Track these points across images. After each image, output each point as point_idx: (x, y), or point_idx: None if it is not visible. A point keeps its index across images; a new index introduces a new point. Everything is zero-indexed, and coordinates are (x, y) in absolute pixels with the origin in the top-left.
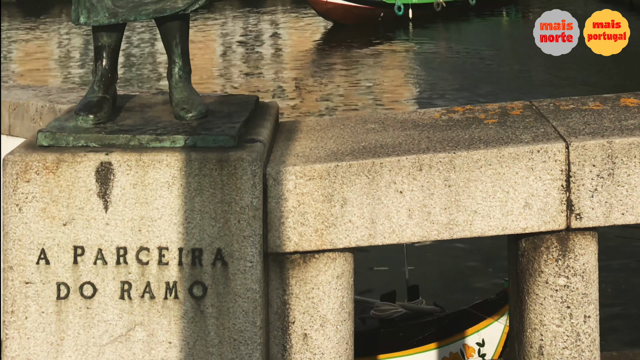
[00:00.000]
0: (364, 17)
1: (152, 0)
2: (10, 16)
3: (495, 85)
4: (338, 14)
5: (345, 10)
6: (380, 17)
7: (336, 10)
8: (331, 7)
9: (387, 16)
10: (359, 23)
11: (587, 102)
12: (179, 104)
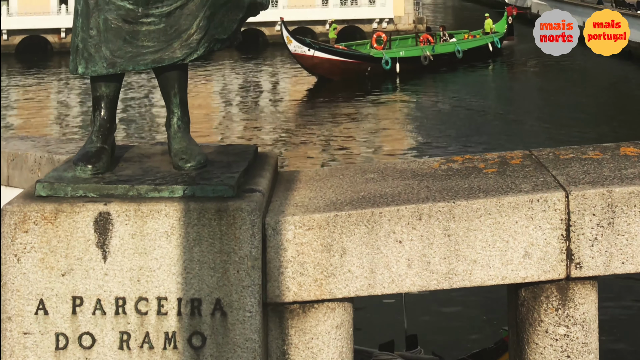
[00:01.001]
0: (351, 72)
1: (151, 50)
2: (9, 67)
3: (489, 135)
4: (324, 69)
5: (332, 65)
6: (367, 72)
7: (322, 64)
8: (317, 62)
9: (374, 70)
10: (346, 77)
11: (587, 151)
12: (178, 154)
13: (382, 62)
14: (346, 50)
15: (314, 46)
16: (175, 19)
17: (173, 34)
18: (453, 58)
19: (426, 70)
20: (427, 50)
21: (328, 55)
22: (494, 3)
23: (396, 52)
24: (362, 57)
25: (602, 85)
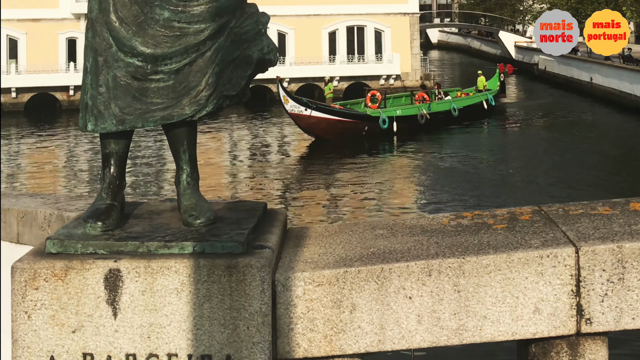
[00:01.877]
0: (348, 131)
1: (160, 107)
2: (19, 124)
3: (496, 191)
4: (321, 129)
5: (329, 125)
6: (365, 131)
7: (319, 124)
8: (314, 122)
9: (371, 129)
10: (343, 137)
11: (597, 207)
12: (187, 210)
13: (379, 121)
14: (343, 110)
15: (311, 106)
16: (184, 76)
17: (182, 90)
18: (449, 116)
19: (422, 129)
20: (423, 108)
21: (325, 114)
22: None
23: (393, 111)
24: (359, 116)
25: (609, 140)
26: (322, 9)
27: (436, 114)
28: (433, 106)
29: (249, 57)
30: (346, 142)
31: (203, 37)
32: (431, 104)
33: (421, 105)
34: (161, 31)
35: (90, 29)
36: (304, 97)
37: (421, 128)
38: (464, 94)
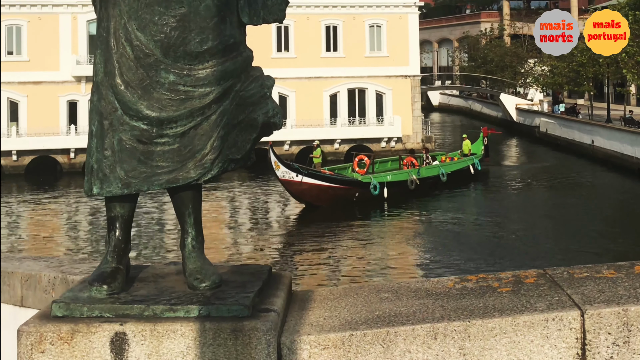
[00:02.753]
0: (339, 198)
1: (165, 171)
2: (19, 187)
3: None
4: (312, 195)
5: (320, 191)
6: (355, 197)
7: (311, 190)
8: (306, 188)
9: (362, 195)
10: (334, 204)
11: (602, 270)
12: (193, 274)
13: (370, 187)
14: (334, 176)
15: (302, 172)
16: (189, 139)
17: (187, 154)
18: (438, 181)
19: (412, 195)
20: (413, 174)
21: (316, 180)
22: (500, 121)
23: (384, 176)
24: (350, 182)
25: (612, 203)
26: (323, 71)
27: (425, 179)
28: (422, 171)
29: (254, 121)
30: (338, 208)
31: (208, 100)
32: (420, 169)
33: (411, 171)
34: (166, 94)
35: (95, 93)
36: (297, 162)
37: (411, 193)
38: (448, 159)
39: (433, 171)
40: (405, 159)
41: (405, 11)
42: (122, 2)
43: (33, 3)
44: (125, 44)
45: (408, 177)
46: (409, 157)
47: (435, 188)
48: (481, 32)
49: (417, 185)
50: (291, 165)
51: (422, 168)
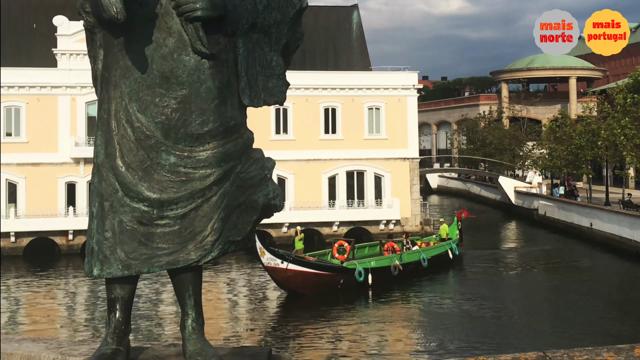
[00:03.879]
0: (324, 285)
1: (165, 252)
2: (18, 269)
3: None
4: (297, 282)
5: (305, 278)
6: (340, 284)
7: (296, 277)
8: (291, 275)
9: (346, 282)
10: (319, 291)
11: (601, 353)
12: (193, 355)
13: (355, 274)
14: (320, 262)
15: (288, 258)
16: (189, 221)
17: (188, 235)
18: (419, 267)
19: (395, 280)
20: (395, 259)
21: (301, 267)
22: (499, 203)
23: (367, 262)
24: (335, 268)
25: (611, 285)
26: (322, 153)
27: (408, 265)
28: (404, 257)
29: (254, 203)
30: (323, 295)
31: (209, 182)
32: (402, 254)
33: (393, 256)
34: (167, 176)
35: (96, 174)
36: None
37: (394, 279)
38: (424, 244)
39: (414, 257)
40: (385, 244)
41: (404, 94)
42: (123, 84)
43: (32, 84)
44: (126, 125)
45: (391, 263)
46: (390, 242)
47: (417, 274)
48: (480, 114)
49: (400, 271)
50: (276, 252)
51: (404, 253)
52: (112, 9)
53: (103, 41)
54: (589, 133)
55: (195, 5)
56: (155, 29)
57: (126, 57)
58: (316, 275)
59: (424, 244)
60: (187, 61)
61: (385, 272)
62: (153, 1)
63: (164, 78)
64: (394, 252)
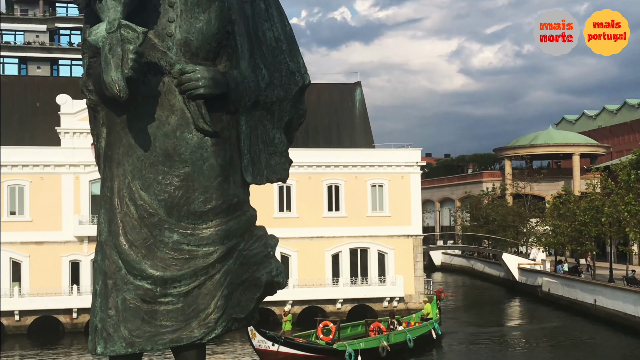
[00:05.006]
0: None
1: (169, 330)
2: (22, 347)
3: None
4: None
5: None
6: None
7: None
8: (282, 357)
9: None
10: None
11: None
12: None
13: (345, 355)
14: (310, 344)
15: (278, 340)
16: (193, 299)
17: (191, 313)
18: (405, 347)
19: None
20: (383, 340)
21: (292, 349)
22: (503, 280)
23: (357, 344)
24: (326, 350)
25: None
26: (325, 231)
27: (394, 345)
28: (392, 337)
29: (257, 280)
30: None
31: (212, 259)
32: (390, 334)
33: (381, 337)
34: (170, 254)
35: (99, 252)
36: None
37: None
38: (404, 323)
39: (401, 337)
40: (371, 324)
41: (407, 171)
42: (126, 162)
43: (35, 163)
44: (129, 203)
45: (379, 344)
46: (375, 322)
47: (404, 354)
48: (483, 191)
49: (387, 352)
50: (267, 334)
51: (391, 334)
52: (115, 87)
53: (106, 119)
54: (593, 210)
55: (197, 83)
56: (158, 107)
57: (129, 135)
58: (307, 358)
59: (404, 324)
60: (189, 139)
61: (374, 353)
62: (155, 79)
63: (166, 156)
64: (380, 333)
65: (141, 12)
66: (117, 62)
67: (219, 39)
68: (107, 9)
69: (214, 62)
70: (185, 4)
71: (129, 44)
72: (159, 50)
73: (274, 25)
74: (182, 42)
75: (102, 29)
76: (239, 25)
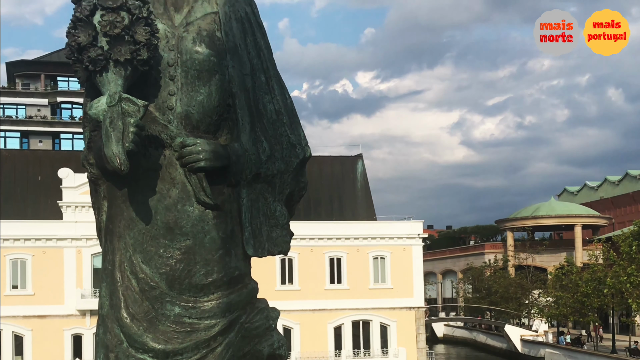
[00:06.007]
0: None
1: None
2: None
3: None
4: None
5: None
6: None
7: None
8: None
9: None
10: None
11: None
12: None
13: None
14: None
15: None
16: None
17: None
18: None
19: None
20: None
21: None
22: (505, 352)
23: None
24: None
25: None
26: (328, 303)
27: None
28: None
29: (259, 353)
30: None
31: (214, 332)
32: None
33: None
34: (172, 327)
35: (101, 326)
36: None
37: None
38: None
39: None
40: None
41: (409, 243)
42: (127, 235)
43: (38, 237)
44: (131, 276)
45: None
46: None
47: None
48: (485, 263)
49: None
50: None
51: None
52: (116, 161)
53: (107, 192)
54: (595, 281)
55: (198, 156)
56: (159, 180)
57: (130, 209)
58: None
59: None
60: (191, 212)
61: None
62: (156, 152)
63: (168, 229)
64: None
65: (142, 86)
66: (118, 136)
67: (219, 112)
68: (108, 83)
69: (214, 134)
70: (185, 77)
71: (130, 117)
72: (160, 124)
73: (275, 98)
74: (182, 115)
75: (102, 103)
76: (239, 98)
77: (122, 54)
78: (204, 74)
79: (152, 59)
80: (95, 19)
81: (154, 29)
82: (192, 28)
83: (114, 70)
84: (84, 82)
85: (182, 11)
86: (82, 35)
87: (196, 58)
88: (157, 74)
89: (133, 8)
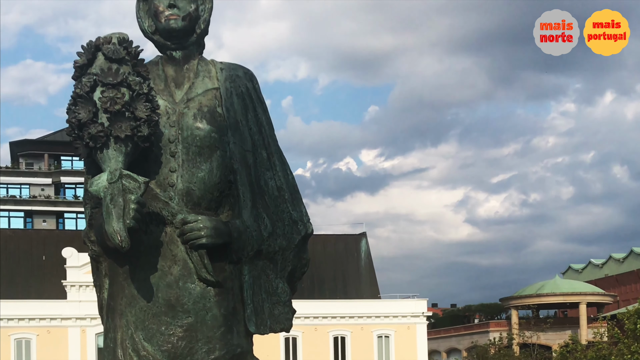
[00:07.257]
0: None
1: None
2: None
3: None
4: None
5: None
6: None
7: None
8: None
9: None
10: None
11: None
12: None
13: None
14: None
15: None
16: None
17: None
18: None
19: None
20: None
21: None
22: None
23: None
24: None
25: None
26: None
27: None
28: None
29: None
30: None
31: None
32: None
33: None
34: None
35: None
36: None
37: None
38: None
39: None
40: None
41: (414, 321)
42: (129, 313)
43: (42, 316)
44: (133, 354)
45: None
46: None
47: None
48: (490, 341)
49: None
50: None
51: None
52: (117, 238)
53: (108, 270)
54: (600, 359)
55: (200, 233)
56: (160, 257)
57: (131, 286)
58: None
59: None
60: (192, 289)
61: None
62: (157, 229)
63: (169, 306)
64: None
65: (142, 162)
66: (118, 213)
67: (221, 188)
68: (109, 159)
69: (216, 211)
70: (186, 153)
71: (131, 194)
72: (161, 200)
73: (277, 174)
74: (184, 192)
75: (103, 179)
76: (241, 175)
77: (123, 131)
78: (205, 150)
79: (153, 135)
80: (96, 96)
81: (154, 105)
82: (193, 104)
83: (115, 147)
84: (84, 159)
85: (183, 87)
86: (83, 112)
87: (197, 134)
88: (158, 150)
89: (133, 84)
